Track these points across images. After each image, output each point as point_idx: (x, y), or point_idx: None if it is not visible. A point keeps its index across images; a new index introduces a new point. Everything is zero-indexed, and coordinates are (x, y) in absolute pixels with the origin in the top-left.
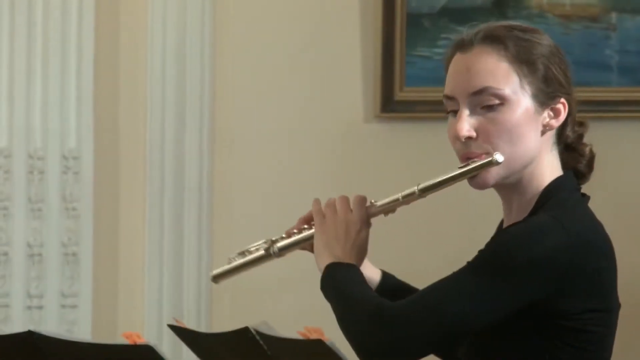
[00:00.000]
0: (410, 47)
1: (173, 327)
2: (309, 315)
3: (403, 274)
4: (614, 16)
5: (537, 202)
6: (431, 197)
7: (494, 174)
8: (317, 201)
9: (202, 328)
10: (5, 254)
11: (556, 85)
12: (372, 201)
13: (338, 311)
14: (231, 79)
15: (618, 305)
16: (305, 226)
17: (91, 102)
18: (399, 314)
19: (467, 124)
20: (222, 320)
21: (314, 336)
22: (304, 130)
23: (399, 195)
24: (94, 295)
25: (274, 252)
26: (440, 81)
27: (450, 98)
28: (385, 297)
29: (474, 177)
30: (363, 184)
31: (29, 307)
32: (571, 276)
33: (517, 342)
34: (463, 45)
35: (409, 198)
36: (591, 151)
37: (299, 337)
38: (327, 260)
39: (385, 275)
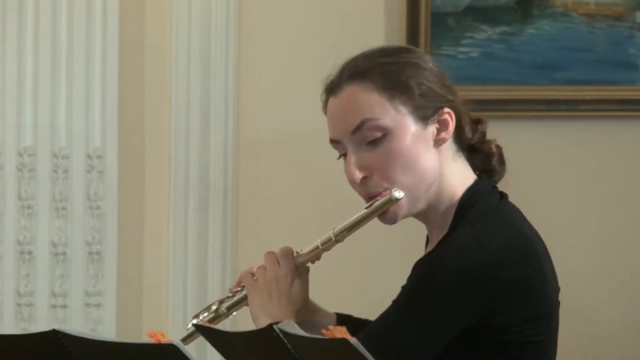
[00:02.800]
0: (434, 46)
1: (198, 326)
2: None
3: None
4: (638, 15)
5: (454, 216)
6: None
7: (400, 207)
8: (243, 269)
9: (227, 327)
10: (30, 252)
11: (434, 97)
12: (298, 251)
13: None
14: (256, 78)
15: (557, 304)
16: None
17: (116, 101)
18: None
19: (356, 166)
20: (247, 319)
21: (338, 335)
22: (327, 131)
23: (318, 243)
24: (119, 294)
25: (222, 313)
26: (466, 80)
27: (336, 142)
28: None
29: (383, 214)
30: None
31: (54, 306)
32: (499, 293)
33: None
34: (332, 89)
35: (327, 244)
36: (497, 146)
37: (324, 336)
38: (264, 323)
39: (340, 318)
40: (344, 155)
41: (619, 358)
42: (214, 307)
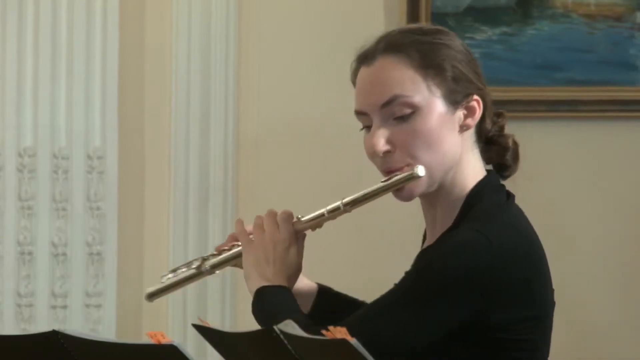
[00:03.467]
0: None
1: (197, 327)
2: None
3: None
4: (638, 15)
5: (461, 210)
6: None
7: (419, 184)
8: (239, 221)
9: (227, 327)
10: (30, 253)
11: (466, 83)
12: (299, 216)
13: None
14: (256, 78)
15: (553, 305)
16: (237, 243)
17: (116, 102)
18: None
19: (382, 139)
20: (246, 319)
21: (338, 335)
22: (328, 131)
23: (324, 210)
24: (119, 295)
25: (205, 270)
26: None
27: (361, 113)
28: (323, 312)
29: (399, 190)
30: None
31: (54, 307)
32: (499, 291)
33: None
34: (366, 58)
35: (334, 213)
36: (514, 142)
37: (324, 336)
38: (257, 284)
39: (322, 290)
40: (367, 127)
41: (618, 358)
42: (196, 263)
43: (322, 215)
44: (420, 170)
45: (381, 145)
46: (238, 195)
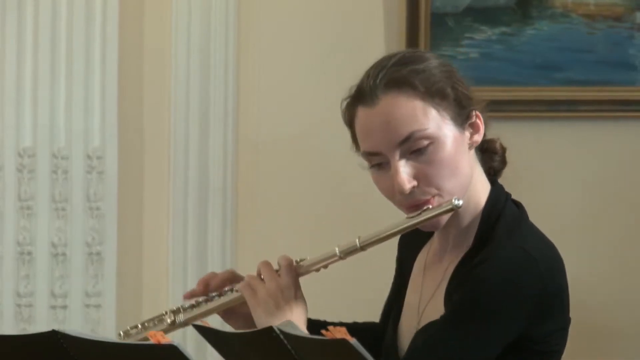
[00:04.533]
0: (434, 47)
1: (197, 327)
2: (327, 316)
3: None
4: (638, 16)
5: (480, 226)
6: None
7: (449, 214)
8: (242, 282)
9: (227, 327)
10: (30, 253)
11: (466, 101)
12: (297, 260)
13: None
14: (256, 79)
15: (570, 318)
16: (214, 294)
17: (115, 102)
18: None
19: (406, 175)
20: None
21: (338, 335)
22: (327, 130)
23: (336, 251)
24: (118, 295)
25: (179, 323)
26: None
27: (374, 154)
28: None
29: (427, 221)
30: None
31: (53, 307)
32: (543, 303)
33: None
34: (365, 99)
35: (349, 253)
36: (501, 145)
37: (324, 336)
38: None
39: (314, 323)
40: (377, 165)
41: (618, 357)
42: (168, 320)
43: (334, 255)
44: (458, 202)
45: (407, 182)
46: (237, 196)
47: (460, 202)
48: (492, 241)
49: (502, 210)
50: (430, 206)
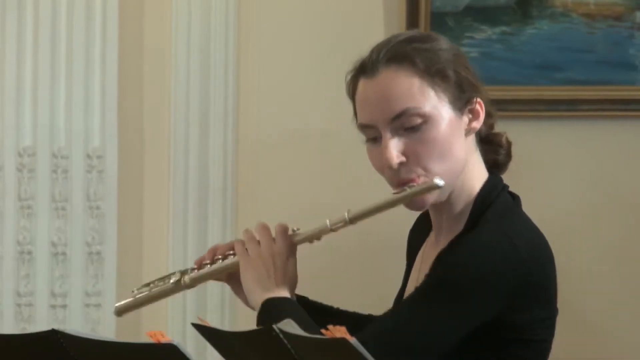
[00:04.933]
0: None
1: (197, 326)
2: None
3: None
4: (638, 15)
5: (472, 212)
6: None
7: (433, 194)
8: (239, 240)
9: (226, 327)
10: (30, 253)
11: (468, 87)
12: (295, 229)
13: None
14: (256, 79)
15: (557, 309)
16: (219, 257)
17: (115, 101)
18: None
19: (395, 150)
20: (246, 319)
21: (338, 335)
22: (327, 130)
23: (327, 223)
24: (118, 294)
25: (184, 284)
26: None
27: (368, 127)
28: None
29: (413, 201)
30: (386, 183)
31: (53, 306)
32: (522, 290)
33: (465, 356)
34: (366, 70)
35: (338, 226)
36: (507, 140)
37: (324, 336)
38: (261, 296)
39: (298, 298)
40: (372, 139)
41: (618, 357)
42: (174, 277)
43: (325, 227)
44: (439, 181)
45: (395, 158)
46: (237, 195)
47: (442, 183)
48: (479, 226)
49: (495, 199)
50: (415, 184)
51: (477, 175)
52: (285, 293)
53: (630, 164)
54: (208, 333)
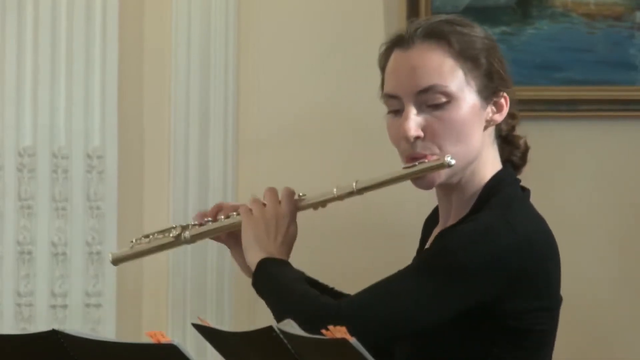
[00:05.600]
0: None
1: (197, 326)
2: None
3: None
4: (638, 15)
5: (479, 198)
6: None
7: (442, 174)
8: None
9: (226, 327)
10: (30, 253)
11: (498, 79)
12: (300, 194)
13: (277, 308)
14: (256, 78)
15: (561, 300)
16: (221, 216)
17: (115, 101)
18: (345, 315)
19: (414, 124)
20: (246, 319)
21: (338, 335)
22: (327, 130)
23: (334, 190)
24: (118, 294)
25: (184, 239)
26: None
27: (393, 97)
28: None
29: (420, 178)
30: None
31: (53, 306)
32: (519, 278)
33: (459, 342)
34: (402, 42)
35: (344, 195)
36: (525, 143)
37: (324, 336)
38: (258, 256)
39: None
40: (394, 111)
41: (619, 357)
42: (174, 232)
43: (331, 195)
44: (451, 160)
45: (413, 130)
46: (237, 196)
47: (453, 162)
48: (482, 211)
49: (503, 188)
50: (426, 161)
51: (489, 166)
52: (283, 256)
53: (630, 164)
54: (208, 333)
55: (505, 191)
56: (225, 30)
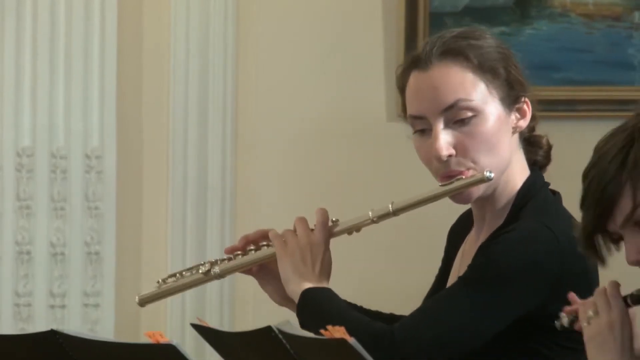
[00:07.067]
0: None
1: (196, 326)
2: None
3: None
4: (637, 15)
5: (513, 206)
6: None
7: (480, 188)
8: (274, 231)
9: (225, 327)
10: (28, 253)
11: (518, 86)
12: (334, 220)
13: None
14: (254, 78)
15: None
16: (252, 247)
17: (114, 101)
18: (400, 338)
19: (445, 142)
20: (245, 319)
21: (337, 335)
22: (326, 130)
23: (369, 213)
24: (117, 295)
25: (214, 274)
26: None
27: (418, 118)
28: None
29: (459, 194)
30: (386, 183)
31: (52, 306)
32: (563, 280)
33: (511, 347)
34: (420, 63)
35: (380, 217)
36: (548, 142)
37: (323, 336)
38: (301, 286)
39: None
40: (420, 131)
41: None
42: (202, 268)
43: (367, 219)
44: (490, 174)
45: (444, 149)
46: (236, 195)
47: (492, 175)
48: (520, 219)
49: (536, 194)
50: (464, 177)
51: (519, 172)
52: (324, 283)
53: None
54: (207, 333)
55: (539, 197)
56: (224, 31)
